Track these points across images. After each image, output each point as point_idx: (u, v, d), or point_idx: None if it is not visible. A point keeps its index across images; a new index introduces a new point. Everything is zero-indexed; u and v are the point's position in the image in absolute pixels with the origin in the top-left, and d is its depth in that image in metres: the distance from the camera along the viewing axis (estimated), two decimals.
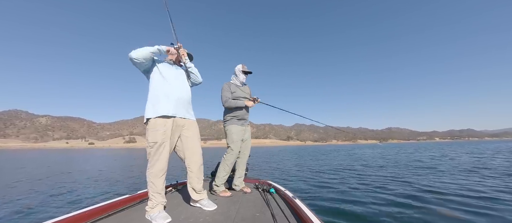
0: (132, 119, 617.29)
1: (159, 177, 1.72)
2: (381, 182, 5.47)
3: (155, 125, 1.72)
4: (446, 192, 4.20)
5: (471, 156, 12.62)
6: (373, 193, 4.33)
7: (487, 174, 6.10)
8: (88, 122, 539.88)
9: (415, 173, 6.79)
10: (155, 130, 1.71)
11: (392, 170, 7.65)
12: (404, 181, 5.44)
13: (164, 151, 1.73)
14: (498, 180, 5.28)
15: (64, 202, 4.16)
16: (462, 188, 4.47)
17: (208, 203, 1.93)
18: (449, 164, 8.75)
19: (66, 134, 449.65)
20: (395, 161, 10.91)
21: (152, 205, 1.67)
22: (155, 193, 1.69)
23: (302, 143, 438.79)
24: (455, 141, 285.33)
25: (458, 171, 6.92)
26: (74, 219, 1.47)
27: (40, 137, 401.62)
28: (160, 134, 1.72)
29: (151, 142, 1.70)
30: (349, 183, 5.50)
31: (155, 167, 1.70)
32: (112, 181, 6.63)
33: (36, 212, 3.58)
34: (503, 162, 8.97)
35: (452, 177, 5.82)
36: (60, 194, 4.88)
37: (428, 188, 4.61)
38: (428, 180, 5.54)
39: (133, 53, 1.72)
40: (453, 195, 3.96)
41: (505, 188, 4.42)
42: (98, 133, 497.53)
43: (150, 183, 1.70)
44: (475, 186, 4.69)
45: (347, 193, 4.35)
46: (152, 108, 1.75)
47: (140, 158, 19.55)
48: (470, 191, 4.21)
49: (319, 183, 5.58)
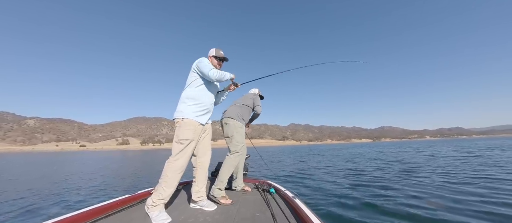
0: (125, 120, 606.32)
1: (178, 173, 1.77)
2: (380, 181, 5.57)
3: (191, 124, 1.85)
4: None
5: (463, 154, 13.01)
6: (373, 193, 4.41)
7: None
8: (78, 124, 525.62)
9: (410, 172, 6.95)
10: (190, 129, 1.84)
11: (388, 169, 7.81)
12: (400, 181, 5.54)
13: (190, 149, 1.85)
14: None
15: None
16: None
17: (208, 204, 1.95)
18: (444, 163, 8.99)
19: (56, 136, 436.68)
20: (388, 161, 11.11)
21: (156, 200, 1.67)
22: (167, 188, 1.71)
23: (297, 142, 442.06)
24: (445, 139, 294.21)
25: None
26: (74, 219, 1.48)
27: (28, 140, 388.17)
28: (193, 133, 1.85)
29: (183, 139, 1.80)
30: (348, 183, 5.58)
31: (179, 161, 1.77)
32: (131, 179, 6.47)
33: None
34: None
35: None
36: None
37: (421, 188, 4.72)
38: (419, 181, 5.67)
39: (215, 75, 1.93)
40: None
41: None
42: (90, 135, 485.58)
43: (166, 177, 1.72)
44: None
45: (346, 193, 4.42)
46: (194, 113, 1.90)
47: (133, 159, 19.24)
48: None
49: (318, 182, 5.63)
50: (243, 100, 2.67)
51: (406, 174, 6.34)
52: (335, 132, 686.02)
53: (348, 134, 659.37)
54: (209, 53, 2.17)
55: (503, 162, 7.93)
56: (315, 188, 4.95)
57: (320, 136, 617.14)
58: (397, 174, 6.34)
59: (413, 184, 4.87)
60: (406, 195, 4.02)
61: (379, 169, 7.75)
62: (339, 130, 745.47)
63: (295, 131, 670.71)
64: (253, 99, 2.70)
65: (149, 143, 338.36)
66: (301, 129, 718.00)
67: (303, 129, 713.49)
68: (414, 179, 5.51)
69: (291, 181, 6.13)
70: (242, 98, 2.74)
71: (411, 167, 7.82)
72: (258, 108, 2.69)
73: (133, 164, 13.91)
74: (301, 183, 5.67)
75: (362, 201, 3.71)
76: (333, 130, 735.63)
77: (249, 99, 2.69)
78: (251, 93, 2.82)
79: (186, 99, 1.92)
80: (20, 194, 5.21)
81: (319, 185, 5.25)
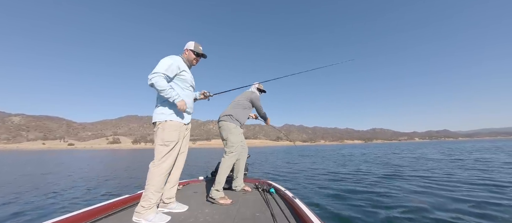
0: (116, 118, 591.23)
1: (165, 175, 1.71)
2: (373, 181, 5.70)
3: (176, 125, 1.77)
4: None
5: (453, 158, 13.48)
6: (371, 192, 4.51)
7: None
8: (67, 121, 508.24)
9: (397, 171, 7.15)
10: (174, 130, 1.75)
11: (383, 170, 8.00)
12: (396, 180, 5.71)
13: (176, 150, 1.78)
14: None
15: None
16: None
17: (177, 206, 1.90)
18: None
19: (43, 134, 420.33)
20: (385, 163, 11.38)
21: (148, 205, 1.61)
22: (156, 191, 1.65)
23: (291, 143, 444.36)
24: (433, 140, 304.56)
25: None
26: (74, 219, 1.47)
27: (13, 138, 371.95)
28: (178, 134, 1.78)
29: (168, 141, 1.72)
30: (347, 182, 5.68)
31: (165, 163, 1.70)
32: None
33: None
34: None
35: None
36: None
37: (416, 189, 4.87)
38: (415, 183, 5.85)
39: (158, 87, 1.66)
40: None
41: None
42: (79, 133, 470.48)
43: (153, 181, 1.65)
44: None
45: (345, 192, 4.51)
46: (177, 114, 1.80)
47: (124, 159, 18.79)
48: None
49: (315, 181, 5.70)
50: (239, 99, 2.60)
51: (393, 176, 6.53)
52: (329, 133, 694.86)
53: (341, 135, 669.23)
54: (187, 45, 1.96)
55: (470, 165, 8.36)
56: (312, 187, 5.01)
57: (313, 136, 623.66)
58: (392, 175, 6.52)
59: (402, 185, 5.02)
60: (399, 197, 4.15)
61: (369, 172, 7.95)
62: (332, 131, 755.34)
63: (289, 131, 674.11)
64: (250, 97, 2.59)
65: (141, 142, 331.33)
66: (295, 129, 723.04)
67: (297, 130, 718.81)
68: (401, 180, 5.69)
69: (289, 179, 6.17)
70: (240, 96, 2.65)
71: (399, 169, 8.06)
72: (258, 110, 2.64)
73: (121, 165, 13.45)
74: (300, 180, 5.73)
75: (358, 202, 3.80)
76: (326, 131, 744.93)
77: (245, 98, 2.59)
78: (249, 91, 2.71)
79: (165, 101, 1.77)
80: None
81: (315, 183, 5.31)
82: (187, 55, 1.94)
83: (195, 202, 2.11)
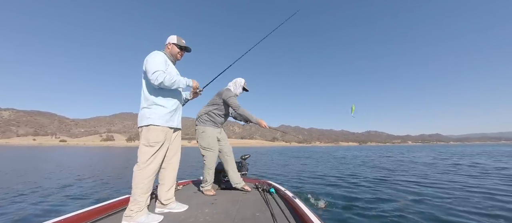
0: (110, 115, 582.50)
1: (152, 178, 1.65)
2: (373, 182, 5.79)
3: (161, 130, 1.69)
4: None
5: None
6: (370, 192, 4.58)
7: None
8: (59, 117, 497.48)
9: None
10: (160, 131, 1.67)
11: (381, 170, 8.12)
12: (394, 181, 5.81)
13: (162, 152, 1.71)
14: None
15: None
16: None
17: (177, 205, 1.89)
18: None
19: (34, 129, 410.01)
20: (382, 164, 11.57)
21: (138, 207, 1.55)
22: (143, 194, 1.58)
23: (287, 143, 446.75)
24: (425, 144, 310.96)
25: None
26: (74, 219, 1.46)
27: (2, 133, 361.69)
28: (165, 135, 1.70)
29: (153, 141, 1.63)
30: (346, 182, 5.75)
31: (150, 166, 1.63)
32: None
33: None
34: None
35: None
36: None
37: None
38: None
39: (167, 81, 1.61)
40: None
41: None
42: (71, 130, 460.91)
43: (139, 184, 1.58)
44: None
45: (343, 195, 4.56)
46: (162, 118, 1.69)
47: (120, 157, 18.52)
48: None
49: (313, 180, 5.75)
50: (212, 98, 2.47)
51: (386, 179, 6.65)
52: (324, 135, 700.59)
53: (336, 137, 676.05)
54: (169, 39, 1.82)
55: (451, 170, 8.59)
56: (310, 185, 5.05)
57: (309, 138, 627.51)
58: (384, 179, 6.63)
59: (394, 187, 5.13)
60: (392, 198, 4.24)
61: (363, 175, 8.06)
62: (328, 133, 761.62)
63: (285, 133, 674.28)
64: (222, 93, 2.37)
65: (135, 140, 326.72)
66: (290, 130, 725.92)
67: (293, 131, 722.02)
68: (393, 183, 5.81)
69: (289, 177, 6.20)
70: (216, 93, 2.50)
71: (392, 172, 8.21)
72: (233, 107, 2.32)
73: (111, 163, 13.03)
74: (298, 179, 5.76)
75: (359, 204, 3.84)
76: (322, 133, 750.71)
77: (217, 95, 2.43)
78: (225, 88, 2.47)
79: (151, 104, 1.68)
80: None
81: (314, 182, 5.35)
82: (170, 49, 1.82)
83: (195, 202, 2.11)
